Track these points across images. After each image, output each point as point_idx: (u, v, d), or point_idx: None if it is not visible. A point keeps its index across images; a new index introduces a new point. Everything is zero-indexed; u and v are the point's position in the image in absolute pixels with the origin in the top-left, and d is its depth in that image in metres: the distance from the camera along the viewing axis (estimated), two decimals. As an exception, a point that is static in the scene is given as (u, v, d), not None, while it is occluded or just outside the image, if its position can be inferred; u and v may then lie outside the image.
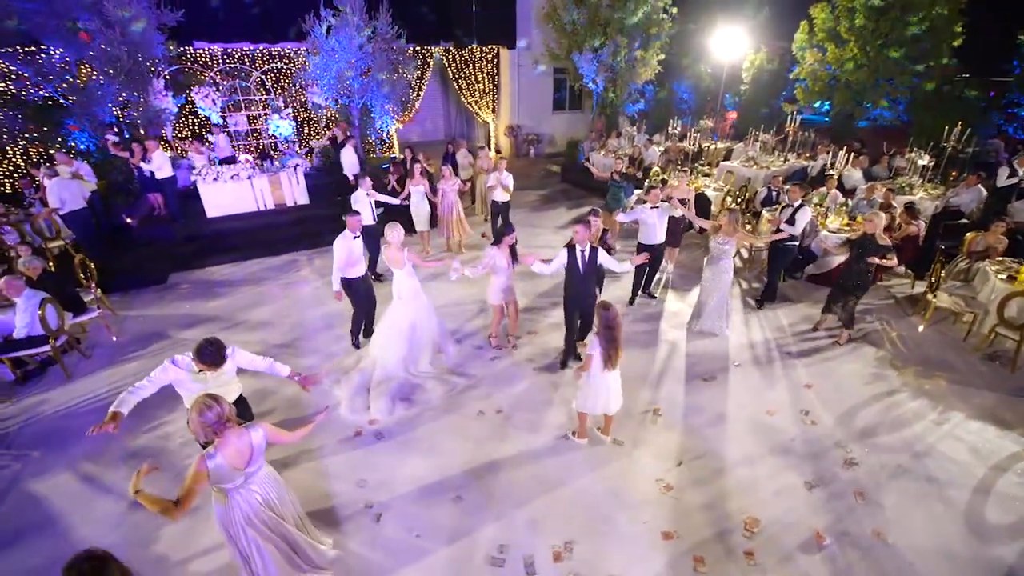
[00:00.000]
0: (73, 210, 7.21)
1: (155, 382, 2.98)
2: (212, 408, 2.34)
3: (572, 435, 4.12)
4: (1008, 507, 3.52)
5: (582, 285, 4.45)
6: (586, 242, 4.29)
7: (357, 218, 4.97)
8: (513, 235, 4.83)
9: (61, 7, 8.59)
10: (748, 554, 3.16)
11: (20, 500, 3.71)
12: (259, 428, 2.57)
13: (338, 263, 4.93)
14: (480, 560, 3.15)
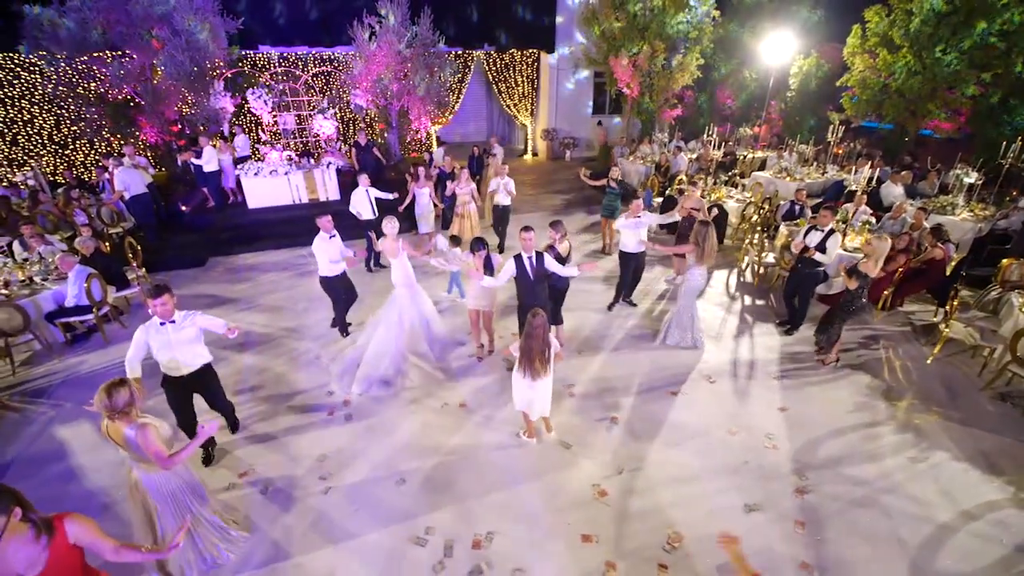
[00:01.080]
0: (135, 195, 8.26)
1: (136, 343, 3.48)
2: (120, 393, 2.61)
3: (521, 434, 4.27)
4: (962, 557, 3.30)
5: (533, 292, 4.51)
6: (531, 250, 4.39)
7: (326, 219, 5.33)
8: (483, 252, 4.88)
9: (138, 18, 9.74)
10: (662, 567, 3.19)
11: (48, 440, 4.39)
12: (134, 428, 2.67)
13: (323, 260, 5.34)
14: (405, 540, 3.40)
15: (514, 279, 4.51)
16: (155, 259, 8.16)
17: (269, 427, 4.51)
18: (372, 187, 7.00)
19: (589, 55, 14.28)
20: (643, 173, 12.08)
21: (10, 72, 11.16)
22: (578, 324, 6.16)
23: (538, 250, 4.50)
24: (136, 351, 3.47)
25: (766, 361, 5.47)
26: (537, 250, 4.47)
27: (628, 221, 6.01)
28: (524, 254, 4.40)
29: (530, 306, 4.55)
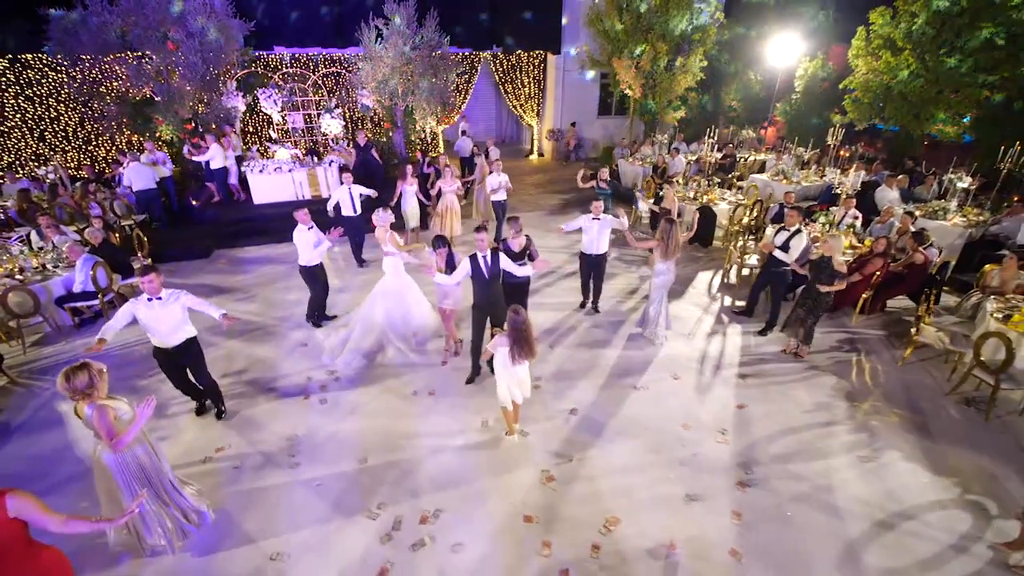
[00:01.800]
0: (140, 189, 8.72)
1: (122, 312, 3.80)
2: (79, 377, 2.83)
3: (504, 434, 4.38)
4: (892, 552, 3.38)
5: (488, 291, 4.62)
6: (486, 249, 4.53)
7: (303, 212, 5.66)
8: (444, 250, 5.08)
9: (155, 20, 10.24)
10: (595, 547, 3.36)
11: (48, 413, 4.76)
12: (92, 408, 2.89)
13: (303, 251, 5.65)
14: (359, 513, 3.64)
15: (470, 278, 4.63)
16: (163, 251, 8.61)
17: (249, 408, 4.81)
18: (356, 184, 7.30)
19: (592, 56, 14.37)
20: (642, 174, 12.14)
21: (38, 72, 11.82)
22: (552, 319, 6.33)
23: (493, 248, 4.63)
24: (118, 320, 3.79)
25: (734, 360, 5.56)
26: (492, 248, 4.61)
27: (589, 223, 5.90)
28: (479, 253, 4.50)
29: (485, 304, 4.72)
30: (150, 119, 11.27)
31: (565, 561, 3.27)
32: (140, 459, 3.13)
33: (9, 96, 11.83)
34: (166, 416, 4.70)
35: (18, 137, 12.19)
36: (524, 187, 13.84)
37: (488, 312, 4.81)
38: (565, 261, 8.27)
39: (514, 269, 4.69)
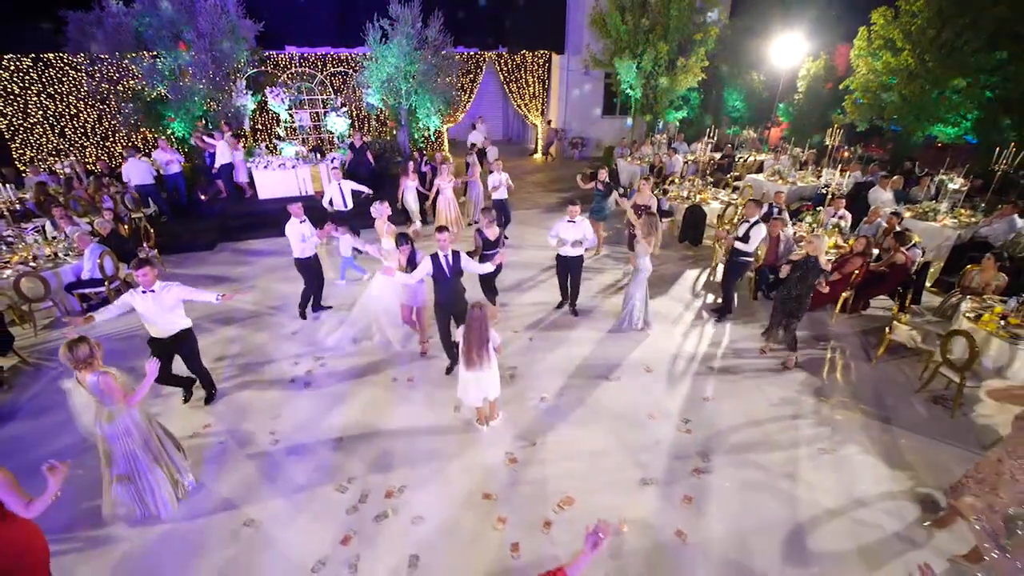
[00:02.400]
0: (139, 184, 9.16)
1: (119, 302, 4.08)
2: (80, 348, 3.15)
3: (475, 421, 4.53)
4: (837, 538, 3.50)
5: (450, 289, 4.74)
6: (448, 248, 4.61)
7: (296, 205, 5.92)
8: (407, 247, 5.19)
9: (168, 21, 10.65)
10: (547, 523, 3.54)
11: (53, 392, 5.08)
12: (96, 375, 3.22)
13: (295, 243, 5.90)
14: (329, 487, 3.87)
15: (432, 277, 4.71)
16: (171, 242, 9.00)
17: (237, 389, 5.08)
18: (347, 180, 7.59)
19: (595, 57, 14.47)
20: (639, 173, 12.23)
21: (59, 70, 12.36)
22: (532, 312, 6.51)
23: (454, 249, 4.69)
24: (111, 310, 4.06)
25: (709, 355, 5.68)
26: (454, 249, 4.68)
27: (567, 225, 5.81)
28: (440, 252, 4.58)
29: (447, 303, 4.83)
30: (163, 116, 11.72)
31: (517, 536, 3.46)
32: (138, 422, 3.42)
33: (32, 94, 12.38)
34: (160, 395, 4.98)
35: (40, 133, 12.75)
36: (525, 185, 14.01)
37: (451, 310, 4.89)
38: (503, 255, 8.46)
39: (475, 267, 4.83)
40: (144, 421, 3.53)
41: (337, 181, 7.46)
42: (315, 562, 3.29)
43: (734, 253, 6.08)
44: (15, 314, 6.21)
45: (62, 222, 7.37)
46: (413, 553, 3.34)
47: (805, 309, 5.36)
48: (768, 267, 6.76)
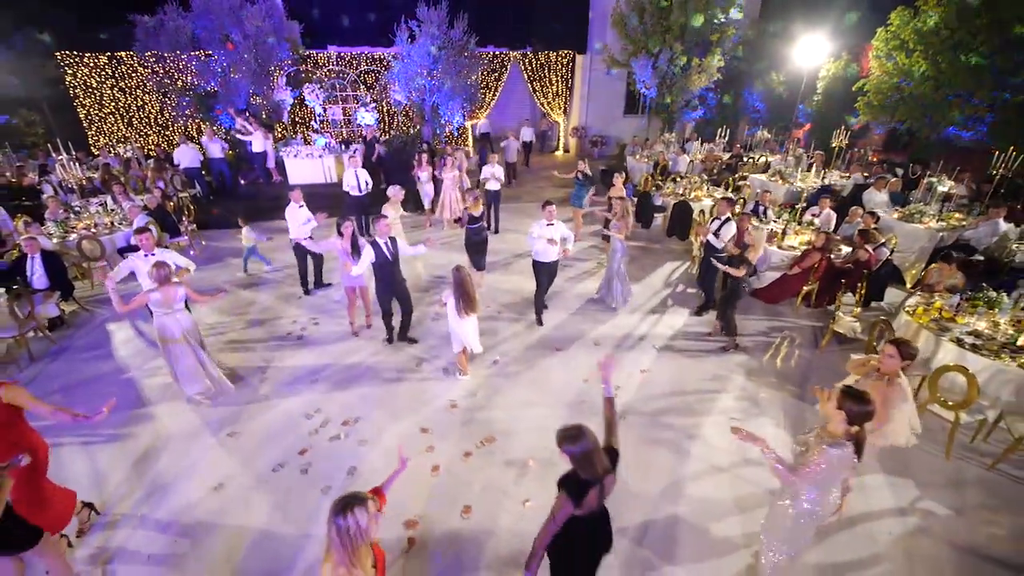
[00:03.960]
0: (187, 167, 10.41)
1: (123, 264, 5.04)
2: (164, 268, 4.27)
3: (458, 374, 5.23)
4: (716, 488, 3.95)
5: (390, 272, 5.26)
6: (386, 235, 5.18)
7: (296, 191, 6.79)
8: (349, 226, 5.50)
9: (218, 22, 11.98)
10: (467, 454, 4.20)
11: (102, 332, 6.21)
12: (182, 288, 4.45)
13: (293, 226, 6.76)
14: (300, 414, 4.69)
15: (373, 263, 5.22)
16: (209, 219, 10.25)
17: (244, 338, 6.03)
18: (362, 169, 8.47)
19: (612, 56, 14.81)
20: (645, 171, 12.54)
21: (129, 68, 14.05)
22: (513, 292, 7.16)
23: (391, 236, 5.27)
24: (123, 267, 5.03)
25: (659, 336, 6.13)
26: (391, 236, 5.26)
27: (546, 227, 5.93)
28: (379, 239, 5.15)
29: (387, 286, 5.37)
30: (212, 109, 13.14)
31: (440, 461, 4.14)
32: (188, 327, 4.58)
33: (107, 88, 14.15)
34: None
35: (111, 122, 14.54)
36: (536, 179, 14.61)
37: (393, 292, 5.46)
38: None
39: (410, 251, 5.38)
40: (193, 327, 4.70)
41: (354, 168, 8.35)
42: (276, 464, 4.10)
43: (709, 249, 6.42)
44: (78, 270, 7.47)
45: (120, 198, 8.66)
46: (353, 465, 4.09)
47: (738, 297, 5.70)
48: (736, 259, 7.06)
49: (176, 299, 4.48)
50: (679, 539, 3.52)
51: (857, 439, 2.62)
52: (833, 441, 2.61)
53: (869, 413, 2.58)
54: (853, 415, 2.58)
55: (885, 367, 3.21)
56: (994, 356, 4.45)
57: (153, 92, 13.99)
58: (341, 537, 1.95)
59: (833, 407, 2.66)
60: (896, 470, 4.15)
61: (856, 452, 2.61)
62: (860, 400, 2.58)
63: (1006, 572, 3.32)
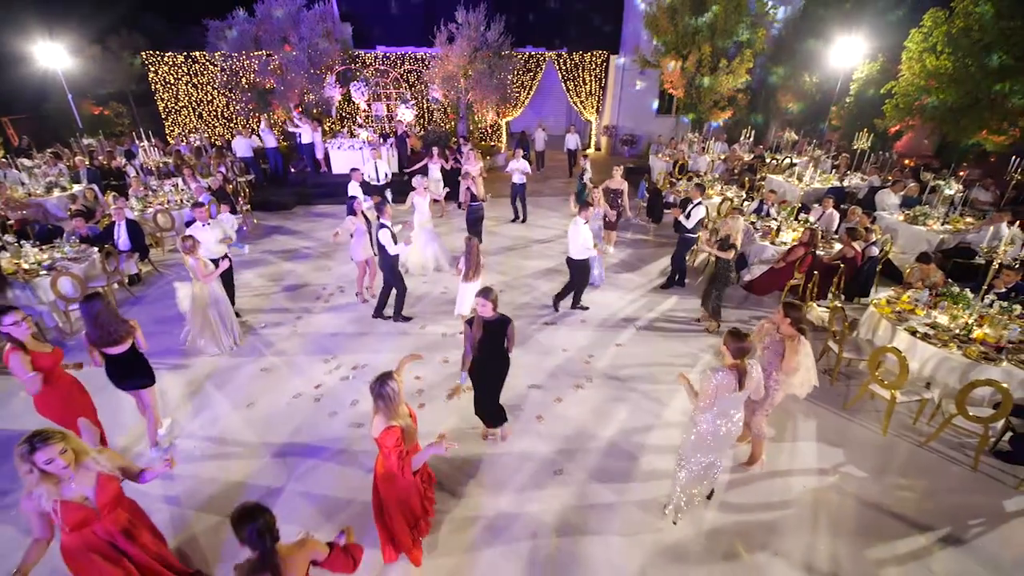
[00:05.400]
0: (242, 156, 11.75)
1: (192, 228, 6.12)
2: (188, 240, 5.25)
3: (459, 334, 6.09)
4: (664, 438, 4.53)
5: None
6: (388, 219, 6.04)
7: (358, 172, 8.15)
8: (359, 204, 6.55)
9: (278, 26, 13.35)
10: (449, 396, 4.99)
11: (168, 288, 7.45)
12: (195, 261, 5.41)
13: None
14: (320, 359, 5.64)
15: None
16: (261, 201, 11.60)
17: (277, 302, 7.09)
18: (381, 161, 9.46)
19: (643, 57, 15.13)
20: (664, 169, 12.88)
21: (202, 66, 15.79)
22: (520, 272, 7.89)
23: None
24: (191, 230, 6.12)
25: (642, 317, 6.68)
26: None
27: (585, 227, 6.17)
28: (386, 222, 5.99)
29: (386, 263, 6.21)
30: (269, 104, 14.60)
31: (425, 400, 4.95)
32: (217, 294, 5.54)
33: (182, 84, 15.96)
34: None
35: (185, 114, 16.37)
36: (561, 175, 15.23)
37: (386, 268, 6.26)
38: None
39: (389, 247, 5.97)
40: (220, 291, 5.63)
41: (374, 160, 9.34)
42: (295, 393, 5.05)
43: (680, 229, 6.99)
44: (153, 239, 8.85)
45: (189, 180, 10.04)
46: (355, 399, 4.98)
47: (724, 283, 6.18)
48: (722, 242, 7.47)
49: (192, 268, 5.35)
50: (619, 469, 4.15)
51: (739, 370, 3.20)
52: (718, 368, 3.22)
53: (746, 349, 3.19)
54: (735, 351, 3.19)
55: (782, 329, 3.71)
56: (941, 345, 4.75)
57: (220, 88, 15.65)
58: (384, 399, 2.83)
59: (721, 346, 3.28)
60: (831, 440, 4.57)
61: (738, 382, 3.18)
62: (740, 338, 3.19)
63: (902, 526, 3.73)
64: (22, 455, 2.32)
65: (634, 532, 3.64)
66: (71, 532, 2.49)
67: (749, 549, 3.52)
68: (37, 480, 2.36)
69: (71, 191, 9.91)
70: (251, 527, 2.10)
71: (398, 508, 3.12)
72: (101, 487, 2.52)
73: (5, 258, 6.48)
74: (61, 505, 2.41)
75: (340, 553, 2.44)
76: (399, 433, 2.86)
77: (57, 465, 2.35)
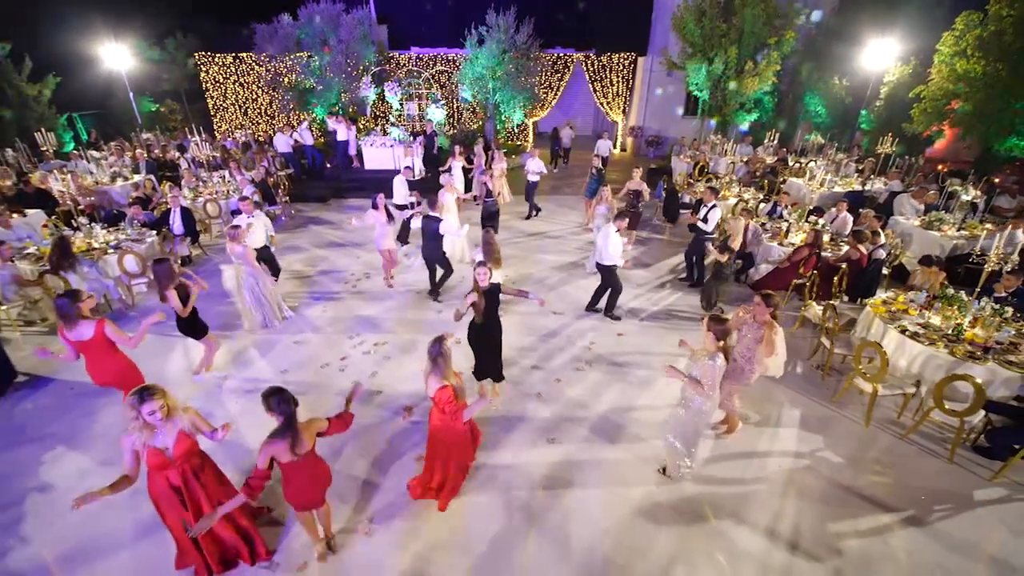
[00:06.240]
0: (283, 152, 12.59)
1: (239, 219, 6.84)
2: (233, 229, 5.92)
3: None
4: (648, 413, 4.91)
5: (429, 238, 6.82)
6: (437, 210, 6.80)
7: (407, 170, 8.47)
8: (382, 198, 7.07)
9: (319, 29, 14.20)
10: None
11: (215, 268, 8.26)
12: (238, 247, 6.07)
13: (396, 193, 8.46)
14: (345, 335, 6.25)
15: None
16: (299, 193, 12.45)
17: (311, 284, 7.78)
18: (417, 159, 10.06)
19: (670, 59, 15.26)
20: (685, 170, 13.04)
21: (248, 66, 16.88)
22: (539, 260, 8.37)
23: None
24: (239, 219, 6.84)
25: (646, 310, 7.02)
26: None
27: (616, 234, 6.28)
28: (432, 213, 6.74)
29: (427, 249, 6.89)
30: (309, 103, 15.52)
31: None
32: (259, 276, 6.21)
33: (230, 83, 17.10)
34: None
35: (232, 112, 17.53)
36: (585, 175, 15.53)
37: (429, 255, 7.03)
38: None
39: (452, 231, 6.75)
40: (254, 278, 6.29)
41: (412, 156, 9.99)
42: (323, 363, 5.68)
43: (697, 231, 7.27)
44: (202, 225, 9.73)
45: (235, 172, 10.94)
46: (375, 371, 5.55)
47: (723, 280, 6.48)
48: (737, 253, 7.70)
49: (236, 253, 6.01)
50: (606, 438, 4.56)
51: (724, 350, 3.58)
52: (711, 354, 3.58)
53: (727, 330, 3.55)
54: (718, 333, 3.56)
55: (757, 315, 4.05)
56: (929, 343, 4.93)
57: (264, 87, 16.71)
58: (442, 357, 3.49)
59: (705, 331, 3.63)
60: (813, 428, 4.84)
61: (724, 359, 3.56)
62: (720, 322, 3.55)
63: (867, 505, 4.00)
64: (132, 404, 2.79)
65: (613, 492, 4.05)
66: (152, 473, 2.99)
67: (717, 515, 3.88)
68: (139, 426, 2.85)
69: (133, 180, 10.96)
70: (277, 398, 2.89)
71: (452, 454, 3.79)
72: (179, 441, 2.96)
73: (79, 238, 7.40)
74: (147, 450, 2.90)
75: (336, 422, 3.26)
76: (452, 391, 3.47)
77: (155, 417, 2.82)
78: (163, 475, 3.00)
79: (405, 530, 3.75)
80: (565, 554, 3.56)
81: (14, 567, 3.47)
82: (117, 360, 4.30)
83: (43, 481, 4.17)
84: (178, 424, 2.99)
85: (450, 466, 3.86)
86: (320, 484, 3.24)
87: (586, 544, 3.63)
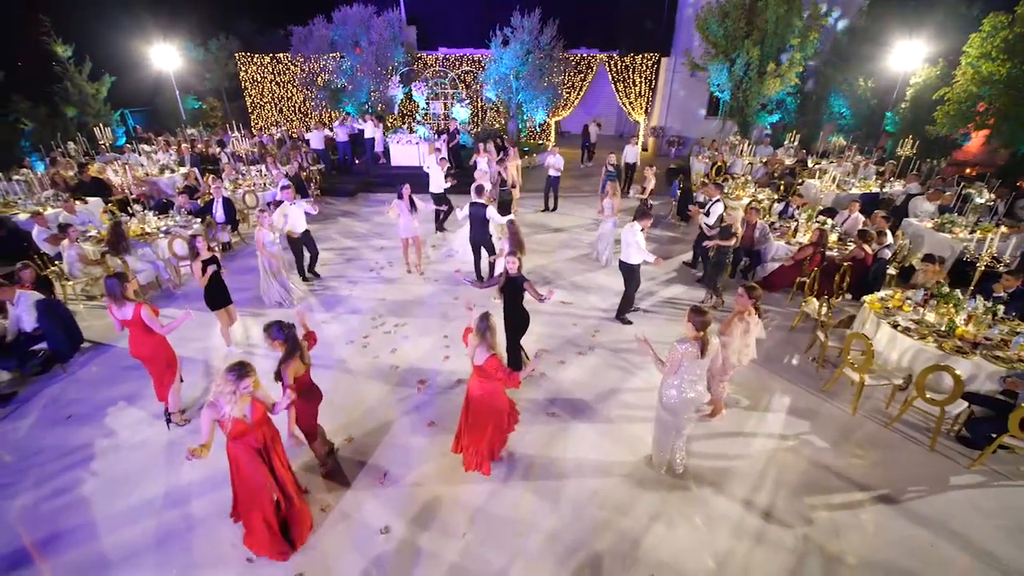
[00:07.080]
0: (315, 148, 13.32)
1: (282, 208, 7.47)
2: (262, 215, 6.52)
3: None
4: (638, 397, 5.26)
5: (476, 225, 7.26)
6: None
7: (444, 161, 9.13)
8: (407, 188, 7.67)
9: (351, 31, 14.90)
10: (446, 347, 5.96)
11: (251, 255, 8.96)
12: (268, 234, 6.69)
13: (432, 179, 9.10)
14: (369, 321, 6.79)
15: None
16: (329, 187, 13.17)
17: (340, 271, 8.38)
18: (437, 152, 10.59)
19: (692, 60, 15.37)
20: (703, 171, 13.18)
21: (284, 66, 17.76)
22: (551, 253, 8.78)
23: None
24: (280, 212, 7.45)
25: (650, 300, 7.34)
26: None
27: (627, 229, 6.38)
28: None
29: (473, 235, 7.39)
30: (340, 101, 16.26)
31: (451, 354, 5.94)
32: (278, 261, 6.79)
33: (267, 82, 18.03)
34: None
35: (268, 109, 18.47)
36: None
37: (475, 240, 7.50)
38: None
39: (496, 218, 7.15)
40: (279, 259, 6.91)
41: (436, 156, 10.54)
42: (347, 341, 6.23)
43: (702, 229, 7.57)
44: (241, 214, 10.50)
45: (270, 166, 11.70)
46: (394, 348, 6.07)
47: (722, 267, 6.77)
48: (743, 249, 7.93)
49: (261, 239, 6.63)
50: (602, 416, 4.94)
51: (702, 341, 3.89)
52: (683, 339, 3.92)
53: (706, 321, 3.86)
54: (697, 324, 3.88)
55: (739, 304, 4.35)
56: (919, 338, 5.12)
57: (299, 86, 17.55)
58: (490, 331, 3.87)
59: (685, 321, 3.96)
60: (801, 414, 5.10)
61: (700, 350, 3.87)
62: (701, 313, 3.87)
63: (843, 483, 4.26)
64: (231, 379, 3.07)
65: (603, 461, 4.43)
66: (233, 440, 3.23)
67: (699, 485, 4.22)
68: (234, 398, 3.12)
69: (180, 172, 11.85)
70: (276, 326, 3.57)
71: (491, 419, 4.13)
72: (255, 408, 3.28)
73: (133, 223, 8.18)
74: (232, 420, 3.15)
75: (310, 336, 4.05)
76: (499, 360, 3.84)
77: (248, 390, 3.19)
78: (244, 440, 3.26)
79: (415, 481, 4.22)
80: (555, 507, 3.98)
81: (86, 494, 4.10)
82: (151, 339, 4.56)
83: (108, 428, 4.83)
84: (255, 395, 3.30)
85: (488, 430, 4.13)
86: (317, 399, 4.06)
87: (574, 499, 4.04)
